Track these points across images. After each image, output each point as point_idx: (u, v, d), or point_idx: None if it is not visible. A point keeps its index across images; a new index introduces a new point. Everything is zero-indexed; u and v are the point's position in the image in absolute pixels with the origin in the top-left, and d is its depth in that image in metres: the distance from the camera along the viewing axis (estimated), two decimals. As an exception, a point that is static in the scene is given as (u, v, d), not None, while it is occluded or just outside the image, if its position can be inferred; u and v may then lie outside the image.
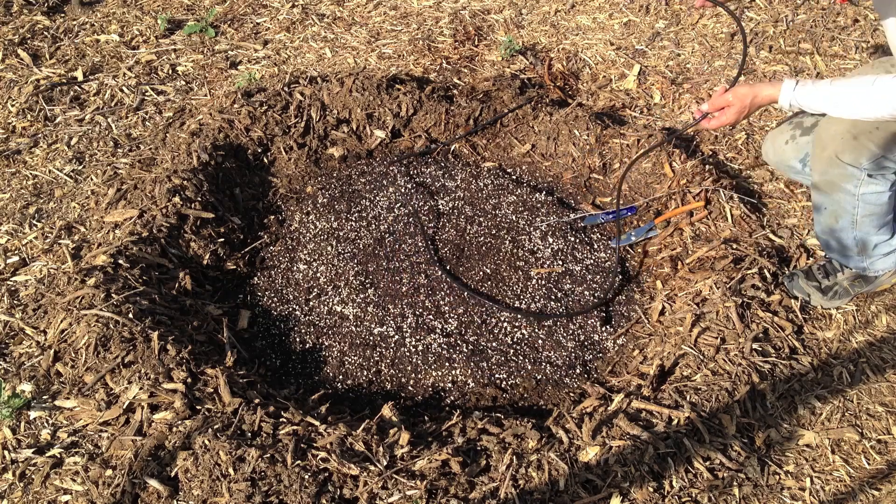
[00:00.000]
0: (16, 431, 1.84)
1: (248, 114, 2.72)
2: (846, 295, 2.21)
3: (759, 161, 2.82)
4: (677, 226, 2.44)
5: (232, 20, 3.59)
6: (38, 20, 3.45)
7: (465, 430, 1.84)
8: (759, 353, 2.00)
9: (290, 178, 2.71)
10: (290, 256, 2.43)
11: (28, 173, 2.66)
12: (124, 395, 1.83)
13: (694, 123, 2.08)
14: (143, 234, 2.25)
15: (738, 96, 1.94)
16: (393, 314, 2.23)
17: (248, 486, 1.62)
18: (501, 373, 2.10)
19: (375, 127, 2.84)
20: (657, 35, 3.47)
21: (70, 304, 2.04)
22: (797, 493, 1.80)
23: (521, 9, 3.70)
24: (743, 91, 1.93)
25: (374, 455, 1.70)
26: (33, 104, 2.95)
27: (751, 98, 1.93)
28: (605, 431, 1.79)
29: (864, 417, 1.99)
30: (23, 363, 1.99)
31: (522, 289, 2.31)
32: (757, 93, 1.92)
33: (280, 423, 1.78)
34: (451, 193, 2.66)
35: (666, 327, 2.17)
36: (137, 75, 3.18)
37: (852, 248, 2.12)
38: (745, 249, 2.30)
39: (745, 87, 1.93)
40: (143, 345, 1.91)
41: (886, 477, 1.85)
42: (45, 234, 2.41)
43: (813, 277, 2.23)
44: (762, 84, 1.94)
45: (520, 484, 1.66)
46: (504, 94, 2.94)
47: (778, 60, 3.26)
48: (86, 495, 1.69)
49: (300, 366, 2.15)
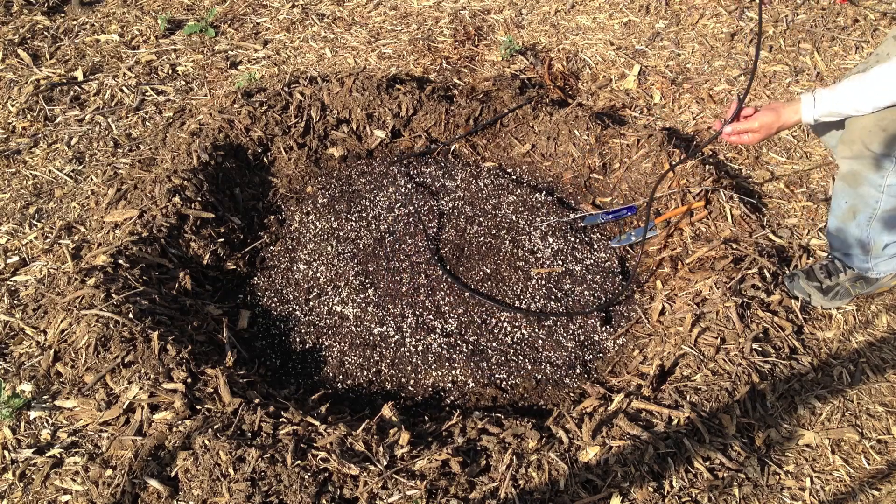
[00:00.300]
0: (16, 431, 1.84)
1: (248, 114, 2.72)
2: (847, 296, 2.21)
3: (759, 161, 2.82)
4: (677, 226, 2.44)
5: (232, 20, 3.59)
6: (38, 20, 3.45)
7: (465, 430, 1.84)
8: (759, 353, 2.00)
9: (290, 178, 2.71)
10: (290, 256, 2.43)
11: (28, 173, 2.66)
12: (124, 395, 1.83)
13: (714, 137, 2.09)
14: (143, 234, 2.25)
15: (763, 125, 1.97)
16: (393, 314, 2.23)
17: (248, 486, 1.62)
18: (501, 373, 2.10)
19: (375, 127, 2.84)
20: (657, 35, 3.47)
21: (70, 304, 2.04)
22: (797, 493, 1.80)
23: (521, 9, 3.70)
24: (768, 120, 1.95)
25: (374, 455, 1.70)
26: (33, 104, 2.95)
27: (776, 126, 1.96)
28: (605, 431, 1.79)
29: (864, 417, 1.99)
30: (23, 363, 1.99)
31: (522, 289, 2.31)
32: (782, 121, 1.95)
33: (280, 423, 1.78)
34: (451, 193, 2.66)
35: (666, 327, 2.17)
36: (137, 75, 3.18)
37: (861, 248, 2.12)
38: (745, 249, 2.30)
39: (769, 114, 1.95)
40: (143, 345, 1.91)
41: (886, 477, 1.85)
42: (45, 234, 2.41)
43: (814, 277, 2.22)
44: (784, 108, 1.94)
45: (520, 484, 1.66)
46: (504, 94, 2.94)
47: (778, 60, 3.27)
48: (86, 495, 1.69)
49: (300, 366, 2.15)
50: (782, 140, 2.90)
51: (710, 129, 2.96)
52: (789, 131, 2.92)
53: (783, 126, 1.97)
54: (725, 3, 3.56)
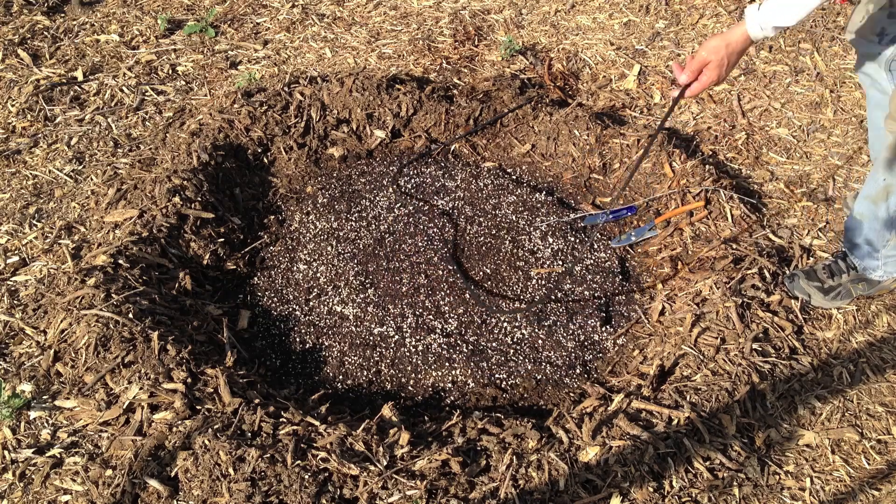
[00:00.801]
0: (16, 431, 1.84)
1: (248, 114, 2.72)
2: (848, 296, 2.22)
3: (759, 161, 2.82)
4: (677, 226, 2.44)
5: (232, 20, 3.59)
6: (38, 20, 3.45)
7: (465, 430, 1.84)
8: (759, 353, 2.00)
9: (290, 178, 2.71)
10: (290, 256, 2.43)
11: (28, 173, 2.66)
12: (124, 395, 1.83)
13: (678, 98, 1.95)
14: (143, 234, 2.25)
15: (710, 49, 1.82)
16: (393, 314, 2.23)
17: (248, 486, 1.62)
18: (501, 373, 2.10)
19: (375, 127, 2.84)
20: (657, 35, 3.47)
21: (70, 304, 2.04)
22: (797, 493, 1.80)
23: (521, 9, 3.70)
24: (714, 43, 1.82)
25: (374, 455, 1.70)
26: (33, 104, 2.95)
27: (724, 45, 1.81)
28: (605, 431, 1.79)
29: (864, 417, 1.99)
30: (23, 363, 1.99)
31: (522, 289, 2.31)
32: (728, 38, 1.80)
33: (280, 423, 1.78)
34: (451, 193, 2.66)
35: (666, 327, 2.17)
36: (137, 75, 3.18)
37: (881, 240, 2.08)
38: (745, 249, 2.30)
39: (714, 38, 1.83)
40: (143, 345, 1.91)
41: (886, 477, 1.85)
42: (45, 234, 2.41)
43: (815, 277, 2.22)
44: (728, 30, 1.82)
45: (520, 484, 1.66)
46: (504, 94, 2.94)
47: (778, 60, 3.27)
48: (86, 495, 1.69)
49: (300, 366, 2.15)
50: (782, 140, 2.90)
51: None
52: (784, 129, 2.92)
53: (732, 45, 1.80)
54: (725, 3, 3.56)
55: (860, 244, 2.14)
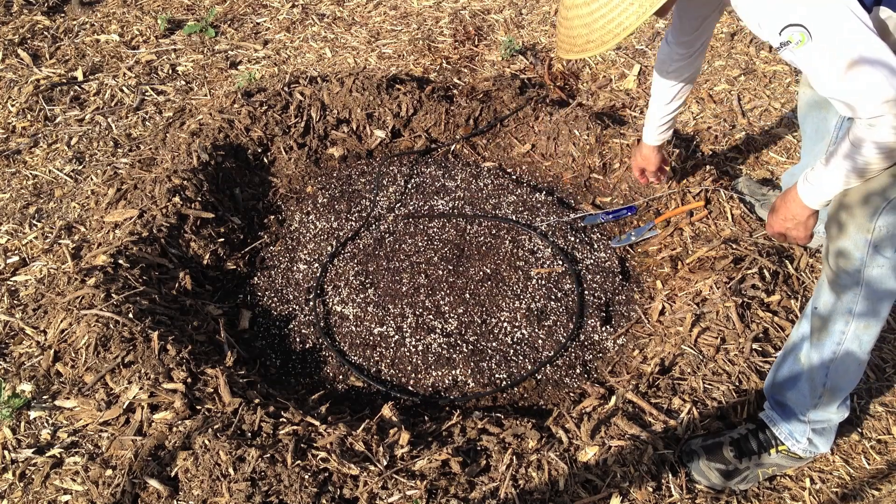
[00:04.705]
0: (16, 431, 1.84)
1: (248, 114, 2.72)
2: (754, 481, 1.79)
3: (759, 161, 2.82)
4: (677, 226, 2.44)
5: (232, 20, 3.59)
6: (38, 20, 3.45)
7: (465, 430, 1.84)
8: (759, 353, 2.00)
9: (290, 178, 2.71)
10: (290, 256, 2.43)
11: (28, 173, 2.66)
12: (124, 395, 1.83)
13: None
14: (143, 234, 2.25)
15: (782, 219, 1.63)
16: (393, 314, 2.23)
17: (248, 486, 1.62)
18: (501, 373, 2.10)
19: (375, 127, 2.84)
20: (657, 35, 3.47)
21: (70, 304, 2.04)
22: (797, 493, 1.80)
23: (521, 9, 3.70)
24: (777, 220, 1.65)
25: (374, 455, 1.70)
26: (33, 104, 2.95)
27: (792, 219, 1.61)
28: (604, 431, 1.79)
29: (864, 417, 1.99)
30: (23, 363, 1.99)
31: (522, 288, 2.31)
32: (790, 214, 1.60)
33: (280, 423, 1.78)
34: (451, 193, 2.66)
35: (666, 327, 2.17)
36: (137, 75, 3.18)
37: (812, 397, 1.66)
38: (745, 249, 2.30)
39: (775, 219, 1.65)
40: (143, 345, 1.91)
41: (886, 477, 1.85)
42: (45, 234, 2.41)
43: (719, 456, 1.74)
44: (785, 204, 1.61)
45: (520, 484, 1.66)
46: (504, 94, 2.94)
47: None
48: (86, 495, 1.69)
49: (300, 366, 2.15)
50: (782, 140, 2.90)
51: (709, 128, 2.95)
52: (784, 128, 2.92)
53: (796, 217, 1.59)
54: (725, 2, 3.56)
55: (797, 391, 1.70)
